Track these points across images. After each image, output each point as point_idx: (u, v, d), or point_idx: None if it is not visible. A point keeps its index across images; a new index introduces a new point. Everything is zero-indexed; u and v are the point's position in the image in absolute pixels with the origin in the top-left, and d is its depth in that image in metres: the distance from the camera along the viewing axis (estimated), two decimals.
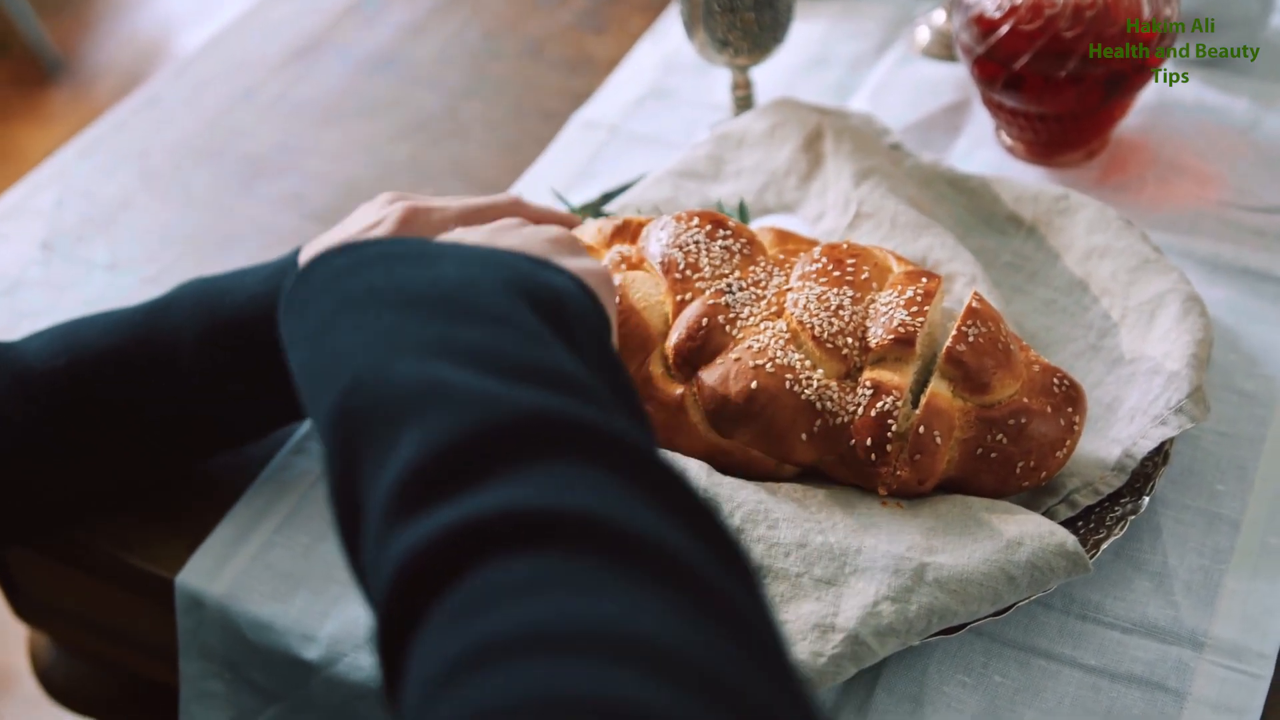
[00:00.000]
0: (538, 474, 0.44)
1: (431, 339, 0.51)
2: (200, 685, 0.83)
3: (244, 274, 0.83)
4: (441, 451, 0.45)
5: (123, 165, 1.16)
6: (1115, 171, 1.04)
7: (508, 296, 0.55)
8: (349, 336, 0.52)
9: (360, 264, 0.57)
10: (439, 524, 0.42)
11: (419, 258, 0.57)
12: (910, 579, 0.70)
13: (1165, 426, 0.78)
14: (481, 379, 0.48)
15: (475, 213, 0.84)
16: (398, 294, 0.54)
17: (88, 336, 0.81)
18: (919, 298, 0.78)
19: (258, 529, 0.84)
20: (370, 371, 0.50)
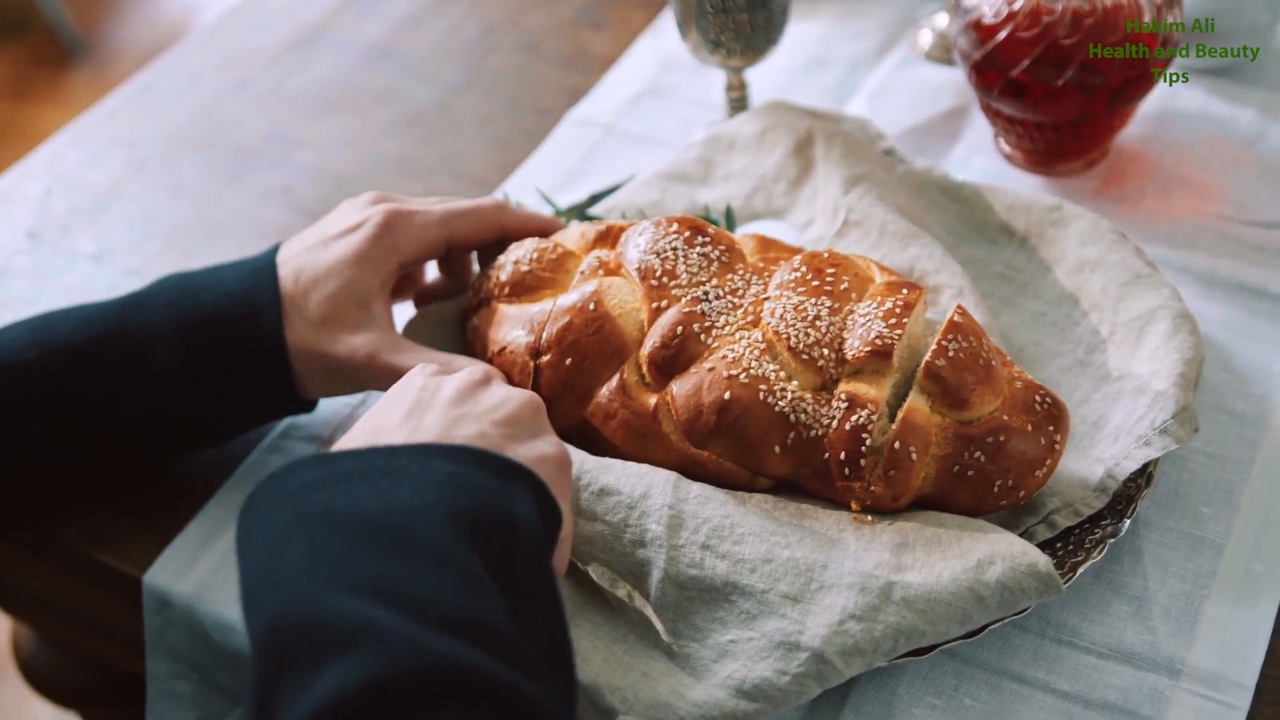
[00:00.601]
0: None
1: (370, 576, 0.54)
2: (167, 685, 0.82)
3: (221, 270, 0.82)
4: (354, 695, 0.48)
5: (113, 154, 1.15)
6: (1114, 182, 1.02)
7: (455, 534, 0.57)
8: (295, 558, 0.55)
9: (324, 481, 0.59)
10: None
11: (380, 476, 0.60)
12: (877, 597, 0.69)
13: (1149, 447, 0.76)
14: (409, 624, 0.51)
15: (457, 217, 0.84)
16: (350, 520, 0.57)
17: (60, 330, 0.80)
18: (898, 309, 0.76)
19: (229, 529, 0.83)
20: (305, 601, 0.52)
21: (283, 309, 0.79)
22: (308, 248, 0.81)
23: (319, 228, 0.83)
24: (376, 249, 0.80)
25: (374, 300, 0.80)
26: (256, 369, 0.79)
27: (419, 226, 0.82)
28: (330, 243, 0.81)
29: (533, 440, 0.67)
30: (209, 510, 0.83)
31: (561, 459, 0.68)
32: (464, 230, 0.84)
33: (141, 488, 0.86)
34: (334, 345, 0.78)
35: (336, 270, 0.80)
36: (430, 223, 0.82)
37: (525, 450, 0.66)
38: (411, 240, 0.82)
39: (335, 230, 0.82)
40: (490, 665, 0.51)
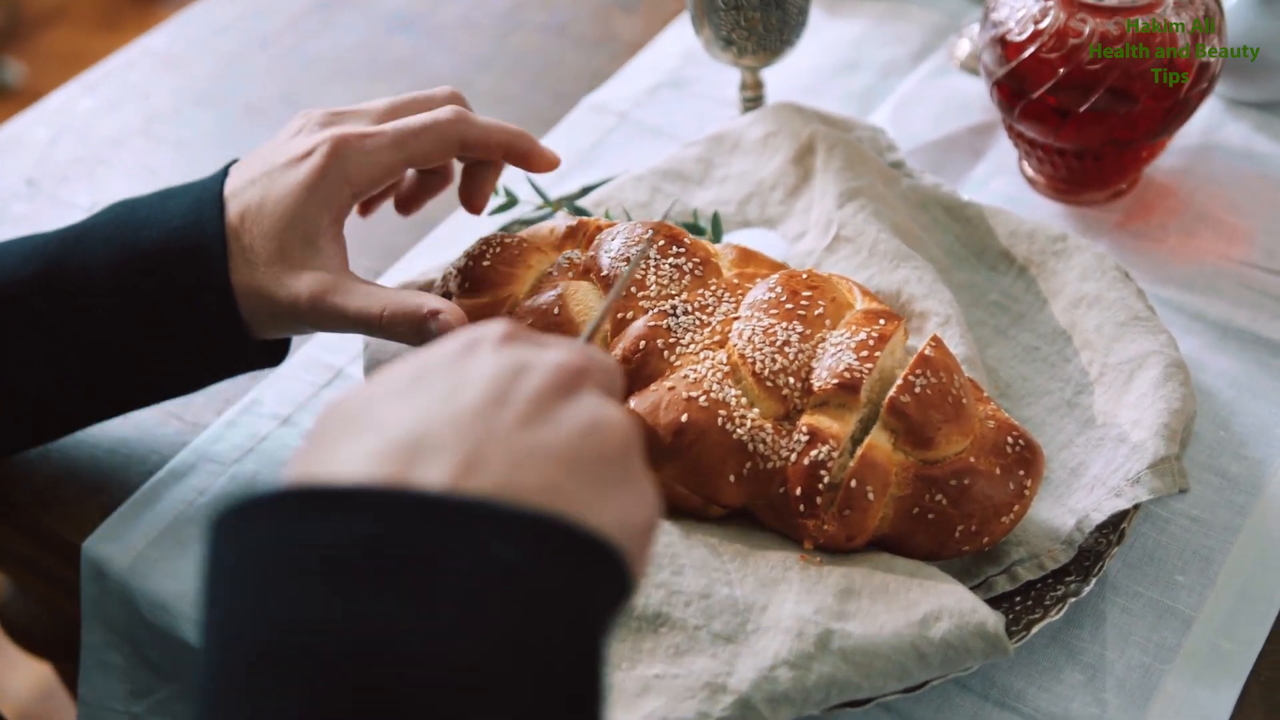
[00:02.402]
0: None
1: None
2: (101, 654, 0.81)
3: (166, 198, 0.77)
4: None
5: (124, 105, 1.14)
6: (1139, 216, 0.97)
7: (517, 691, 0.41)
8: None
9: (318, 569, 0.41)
10: None
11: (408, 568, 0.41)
12: (813, 645, 0.66)
13: (1119, 499, 0.72)
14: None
15: (413, 135, 0.75)
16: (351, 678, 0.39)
17: (2, 268, 0.76)
18: (872, 341, 0.72)
19: (173, 502, 0.81)
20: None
21: (228, 247, 0.74)
22: (253, 180, 0.75)
23: (266, 154, 0.76)
24: (325, 181, 0.73)
25: (321, 235, 0.74)
26: (201, 311, 0.74)
27: (371, 151, 0.74)
28: (276, 174, 0.74)
29: (619, 489, 0.47)
30: (153, 484, 0.82)
31: (650, 525, 0.49)
32: (421, 150, 0.76)
33: (92, 451, 0.85)
34: (278, 287, 0.73)
35: (282, 205, 0.73)
36: (383, 145, 0.75)
37: (612, 509, 0.47)
38: (364, 168, 0.74)
39: (281, 160, 0.75)
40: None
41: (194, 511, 0.80)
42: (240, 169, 0.77)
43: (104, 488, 0.83)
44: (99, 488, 0.83)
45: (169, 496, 0.81)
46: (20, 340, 0.75)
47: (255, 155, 0.77)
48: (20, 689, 1.73)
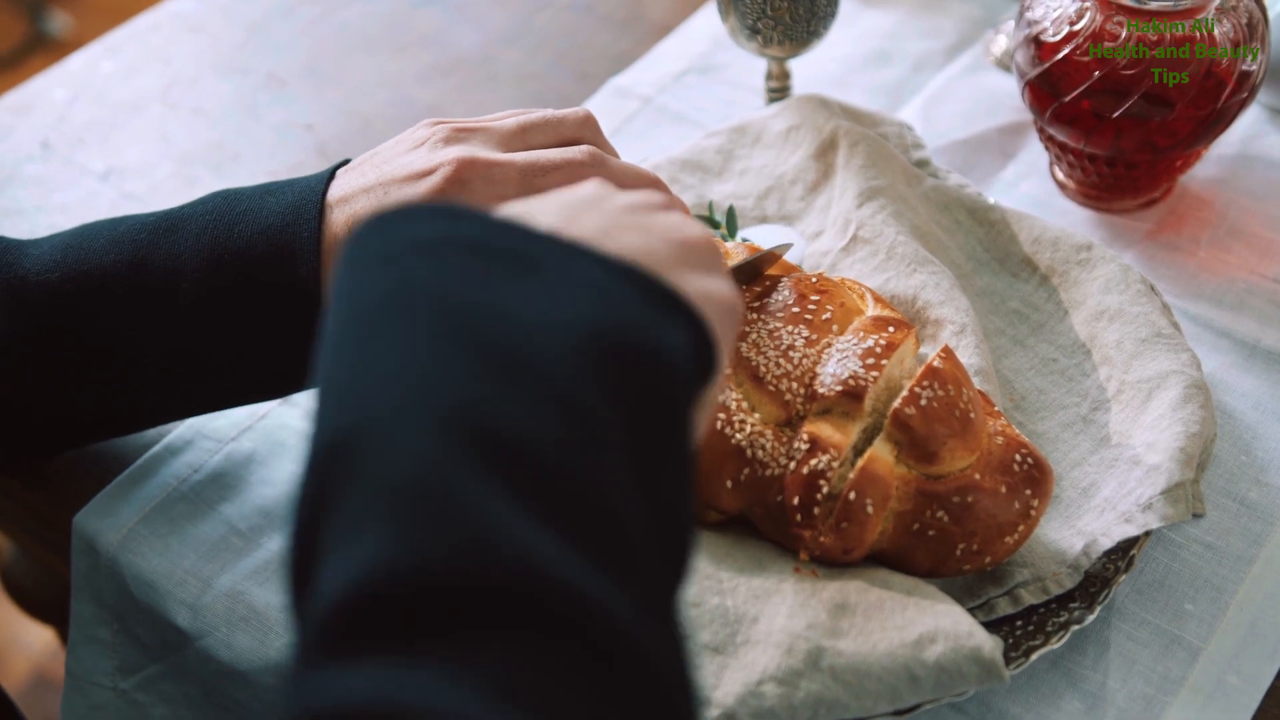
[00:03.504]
0: (484, 664, 0.37)
1: (465, 406, 0.42)
2: (89, 629, 0.80)
3: (267, 193, 0.73)
4: (398, 581, 0.38)
5: (145, 69, 1.13)
6: (1171, 227, 0.94)
7: (585, 364, 0.45)
8: (384, 355, 0.44)
9: (440, 245, 0.47)
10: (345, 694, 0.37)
11: (510, 261, 0.47)
12: (803, 662, 0.64)
13: (1129, 524, 0.70)
14: (487, 494, 0.40)
15: (542, 173, 0.71)
16: (459, 318, 0.45)
17: (89, 250, 0.73)
18: (879, 349, 0.70)
19: (167, 478, 0.80)
20: (376, 427, 0.42)
21: (324, 256, 0.69)
22: (365, 189, 0.71)
23: (381, 163, 0.72)
24: None
25: None
26: (286, 318, 0.70)
27: (496, 183, 0.70)
28: (392, 189, 0.70)
29: (706, 274, 0.54)
30: (148, 459, 0.81)
31: (733, 303, 0.54)
32: (546, 189, 0.70)
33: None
34: None
35: None
36: (509, 179, 0.70)
37: (694, 281, 0.52)
38: (485, 200, 0.69)
39: (400, 173, 0.70)
40: (574, 573, 0.39)
41: (186, 489, 0.79)
42: (351, 173, 0.72)
43: (100, 460, 0.82)
44: (95, 460, 0.82)
45: (163, 472, 0.80)
46: (96, 329, 0.72)
47: (369, 160, 0.73)
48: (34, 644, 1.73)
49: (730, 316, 0.54)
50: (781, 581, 0.68)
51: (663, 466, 0.47)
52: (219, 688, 0.75)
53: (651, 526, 0.45)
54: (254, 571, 0.75)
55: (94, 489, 0.80)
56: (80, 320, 0.72)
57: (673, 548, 0.47)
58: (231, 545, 0.77)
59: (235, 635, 0.73)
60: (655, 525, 0.45)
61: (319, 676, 0.37)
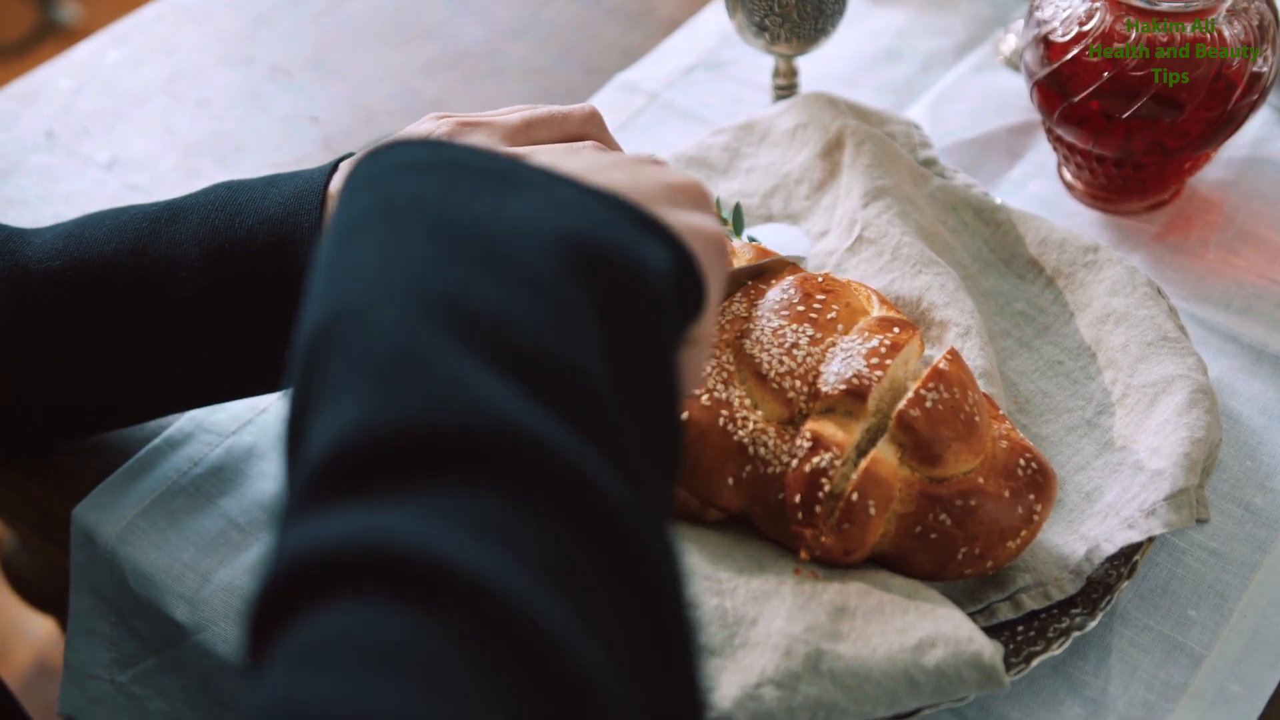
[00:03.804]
0: (462, 503, 0.38)
1: (442, 289, 0.44)
2: (88, 621, 0.80)
3: (270, 184, 0.73)
4: (379, 433, 0.40)
5: (150, 60, 1.12)
6: (1178, 229, 0.94)
7: (561, 260, 0.46)
8: (365, 253, 0.46)
9: (425, 165, 0.49)
10: (331, 533, 0.37)
11: (491, 178, 0.49)
12: (801, 664, 0.63)
13: (1132, 530, 0.69)
14: (464, 360, 0.42)
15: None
16: (440, 218, 0.47)
17: (92, 239, 0.73)
18: (884, 349, 0.70)
19: (166, 471, 0.80)
20: (357, 309, 0.43)
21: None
22: None
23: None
24: None
25: None
26: (286, 309, 0.67)
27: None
28: None
29: (690, 210, 0.54)
30: (148, 452, 0.80)
31: (718, 238, 0.54)
32: None
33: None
34: None
35: None
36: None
37: (678, 215, 0.53)
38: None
39: None
40: (550, 431, 0.40)
41: (186, 482, 0.79)
42: (351, 162, 0.72)
43: (100, 452, 0.82)
44: (95, 452, 0.82)
45: (163, 465, 0.80)
46: (97, 317, 0.72)
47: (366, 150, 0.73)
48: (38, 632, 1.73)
49: (717, 250, 0.54)
50: (781, 583, 0.67)
51: (643, 378, 0.47)
52: (216, 682, 0.75)
53: (633, 424, 0.45)
54: (252, 566, 0.75)
55: (93, 481, 0.80)
56: (81, 309, 0.72)
57: (653, 443, 0.47)
58: (230, 540, 0.77)
59: (233, 630, 0.73)
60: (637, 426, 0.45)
61: (301, 523, 0.39)
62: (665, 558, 0.42)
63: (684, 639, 0.42)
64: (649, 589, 0.41)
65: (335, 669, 0.34)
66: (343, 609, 0.36)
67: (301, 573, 0.37)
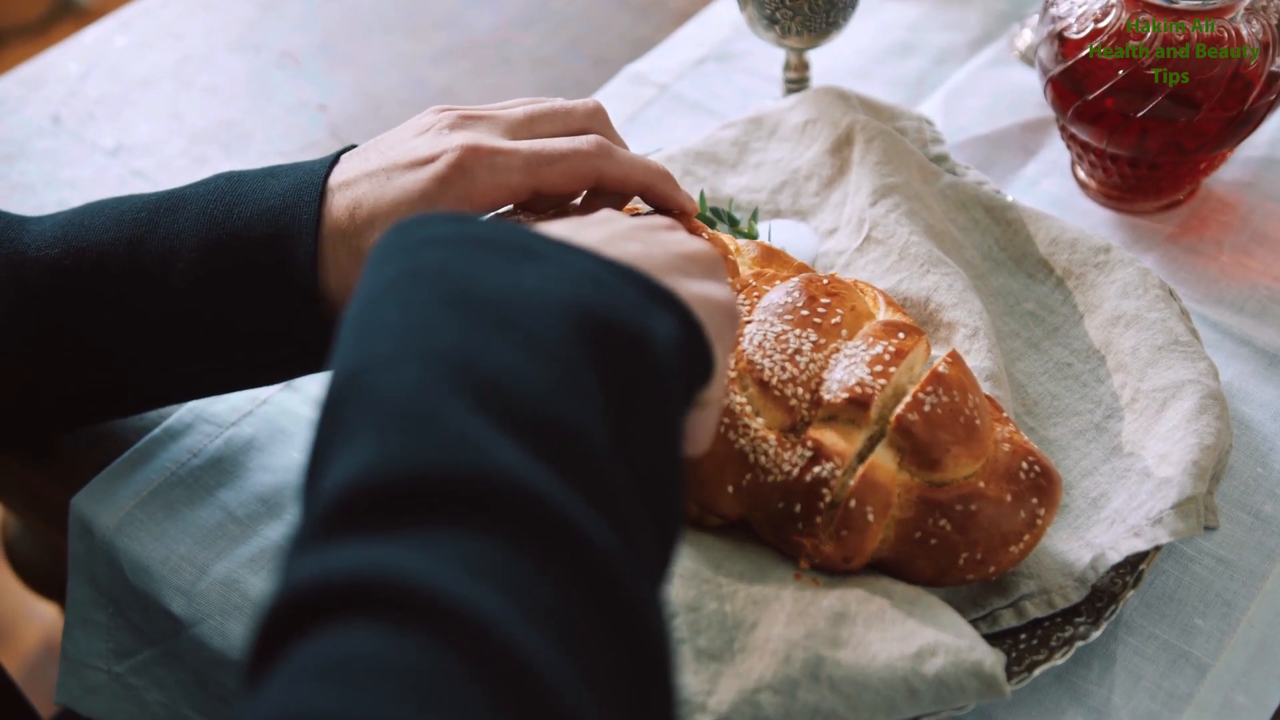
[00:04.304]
0: (461, 544, 0.42)
1: (458, 351, 0.48)
2: (85, 612, 0.79)
3: (270, 175, 0.72)
4: (389, 477, 0.43)
5: (158, 45, 1.12)
6: (1193, 229, 0.93)
7: (571, 329, 0.50)
8: (391, 315, 0.50)
9: (450, 240, 0.53)
10: (339, 564, 0.41)
11: (511, 252, 0.52)
12: (800, 671, 0.63)
13: (1138, 539, 0.68)
14: (472, 416, 0.45)
15: (546, 163, 0.69)
16: (459, 287, 0.50)
17: (90, 228, 0.72)
18: (888, 356, 0.69)
19: (165, 462, 0.79)
20: (379, 363, 0.47)
21: (321, 241, 0.68)
22: (368, 174, 0.70)
23: (384, 148, 0.71)
24: (446, 195, 0.68)
25: None
26: (282, 301, 0.69)
27: (500, 170, 0.69)
28: (394, 174, 0.69)
29: (704, 280, 0.58)
30: (147, 443, 0.80)
31: (730, 308, 0.58)
32: (552, 180, 0.70)
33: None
34: None
35: (397, 212, 0.68)
36: (514, 167, 0.69)
37: (690, 285, 0.56)
38: (488, 188, 0.69)
39: (404, 159, 0.69)
40: (548, 487, 0.44)
41: (185, 473, 0.79)
42: (355, 158, 0.71)
43: (99, 442, 0.81)
44: (94, 441, 0.81)
45: (162, 456, 0.79)
46: (94, 308, 0.71)
47: (373, 145, 0.72)
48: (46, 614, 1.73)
49: (727, 320, 0.58)
50: (781, 588, 0.66)
51: (646, 448, 0.51)
52: (212, 676, 0.75)
53: (634, 491, 0.48)
54: (250, 560, 0.74)
55: (92, 471, 0.79)
56: (78, 298, 0.71)
57: (657, 516, 0.50)
58: (228, 532, 0.76)
59: (229, 624, 0.73)
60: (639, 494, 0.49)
61: (311, 554, 0.42)
62: (651, 610, 0.45)
63: (664, 679, 0.45)
64: (632, 633, 0.44)
65: (335, 684, 0.37)
66: (345, 632, 0.39)
67: (309, 598, 0.40)
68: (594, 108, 0.74)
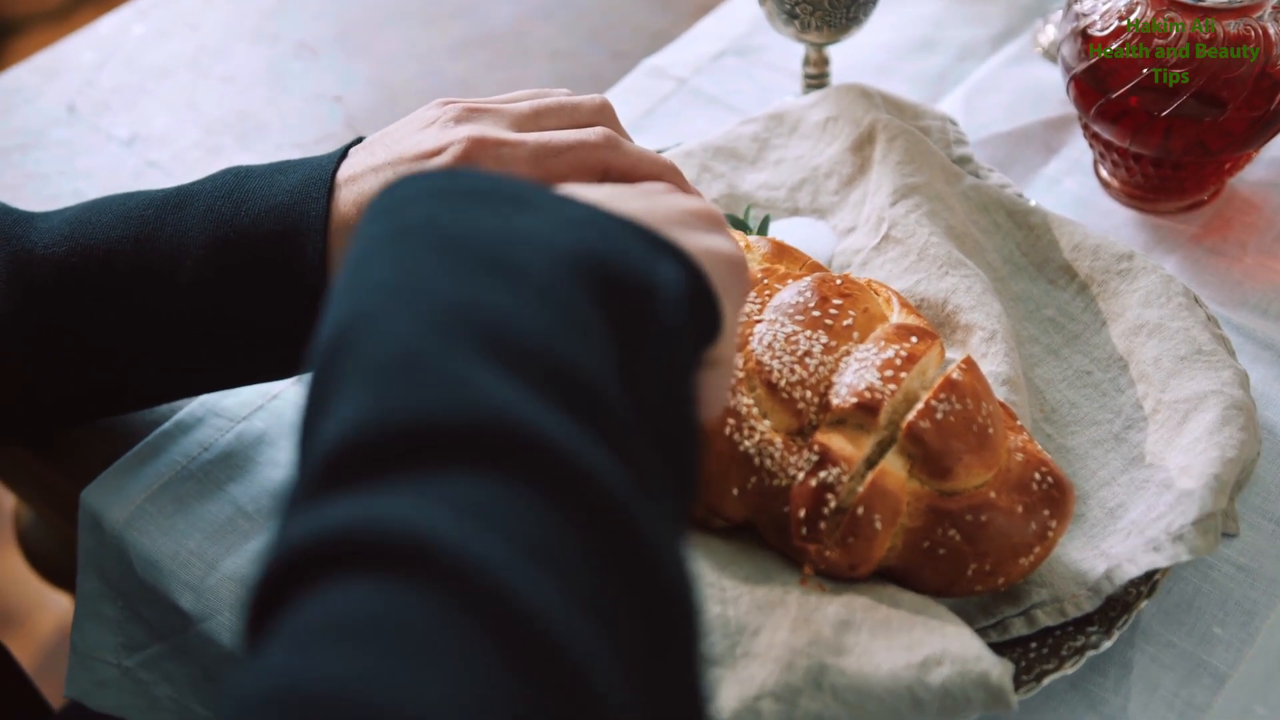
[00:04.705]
0: (457, 488, 0.40)
1: (451, 297, 0.45)
2: (95, 605, 0.79)
3: (278, 171, 0.72)
4: (382, 428, 0.41)
5: (175, 35, 1.11)
6: (1217, 230, 0.91)
7: (572, 273, 0.47)
8: (379, 272, 0.47)
9: (439, 193, 0.50)
10: (328, 521, 0.39)
11: (505, 202, 0.50)
12: (802, 679, 0.62)
13: (1157, 554, 0.67)
14: (470, 361, 0.43)
15: (553, 154, 0.69)
16: (451, 235, 0.48)
17: (98, 225, 0.72)
18: (899, 360, 0.67)
19: (176, 456, 0.79)
20: (365, 319, 0.45)
21: (330, 236, 0.68)
22: (375, 168, 0.69)
23: (390, 142, 0.71)
24: None
25: None
26: (291, 297, 0.68)
27: (506, 163, 0.69)
28: (400, 168, 0.69)
29: (708, 233, 0.55)
30: (158, 436, 0.80)
31: (736, 260, 0.55)
32: (559, 171, 0.69)
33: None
34: None
35: None
36: (520, 159, 0.69)
37: (695, 238, 0.53)
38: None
39: (409, 153, 0.69)
40: (550, 424, 0.41)
41: (195, 468, 0.78)
42: (361, 152, 0.71)
43: (109, 434, 0.81)
44: (105, 434, 0.81)
45: (172, 450, 0.79)
46: (101, 305, 0.71)
47: (380, 139, 0.72)
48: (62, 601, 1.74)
49: (733, 272, 0.54)
50: (786, 594, 0.65)
51: (656, 392, 0.48)
52: (221, 671, 0.75)
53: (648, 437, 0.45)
54: (259, 555, 0.74)
55: (103, 464, 0.79)
56: (83, 297, 0.71)
57: (670, 464, 0.47)
58: (238, 527, 0.76)
59: (237, 620, 0.72)
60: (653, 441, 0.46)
61: (301, 513, 0.40)
62: (669, 556, 0.42)
63: (685, 637, 0.42)
64: (648, 581, 0.41)
65: (327, 647, 0.36)
66: (334, 590, 0.37)
67: (297, 559, 0.38)
68: (601, 103, 0.73)
